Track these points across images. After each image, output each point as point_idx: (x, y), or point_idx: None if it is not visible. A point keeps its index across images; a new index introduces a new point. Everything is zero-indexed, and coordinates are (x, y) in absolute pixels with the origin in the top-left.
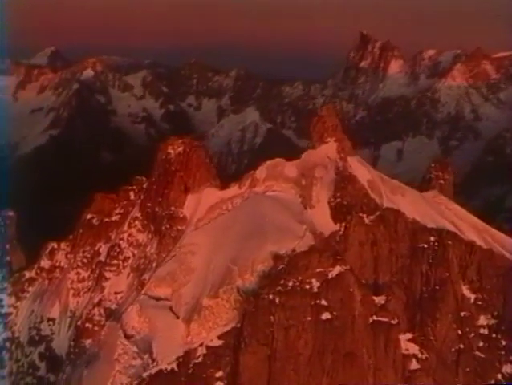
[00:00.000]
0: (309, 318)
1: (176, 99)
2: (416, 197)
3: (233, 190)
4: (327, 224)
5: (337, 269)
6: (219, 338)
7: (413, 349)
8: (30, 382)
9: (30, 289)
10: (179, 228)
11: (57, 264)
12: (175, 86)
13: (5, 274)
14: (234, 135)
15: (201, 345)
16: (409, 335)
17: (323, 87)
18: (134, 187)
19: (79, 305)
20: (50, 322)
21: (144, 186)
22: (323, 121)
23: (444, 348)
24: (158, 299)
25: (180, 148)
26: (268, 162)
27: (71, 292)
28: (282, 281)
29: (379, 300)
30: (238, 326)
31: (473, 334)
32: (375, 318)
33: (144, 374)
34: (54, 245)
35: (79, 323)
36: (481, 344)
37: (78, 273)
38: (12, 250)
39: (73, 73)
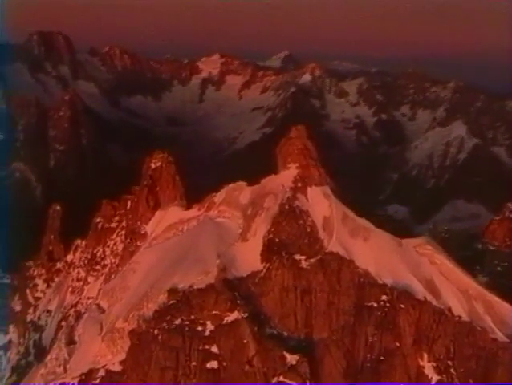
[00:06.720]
0: (194, 363)
1: (390, 107)
2: (385, 244)
3: (193, 212)
4: (252, 261)
5: (234, 315)
6: (120, 363)
7: None
8: (23, 365)
9: (57, 279)
10: (138, 244)
11: (74, 260)
12: (390, 95)
13: (44, 262)
14: (437, 149)
15: (103, 366)
16: None
17: None
18: (132, 196)
19: (71, 303)
20: (47, 314)
21: None
22: (290, 143)
23: None
24: (102, 312)
25: (159, 164)
26: (230, 185)
27: (70, 289)
28: (168, 318)
29: (291, 359)
30: None
31: None
32: (281, 378)
33: (51, 384)
34: (79, 242)
35: (59, 320)
36: None
37: (78, 273)
38: (55, 241)
39: (293, 76)
